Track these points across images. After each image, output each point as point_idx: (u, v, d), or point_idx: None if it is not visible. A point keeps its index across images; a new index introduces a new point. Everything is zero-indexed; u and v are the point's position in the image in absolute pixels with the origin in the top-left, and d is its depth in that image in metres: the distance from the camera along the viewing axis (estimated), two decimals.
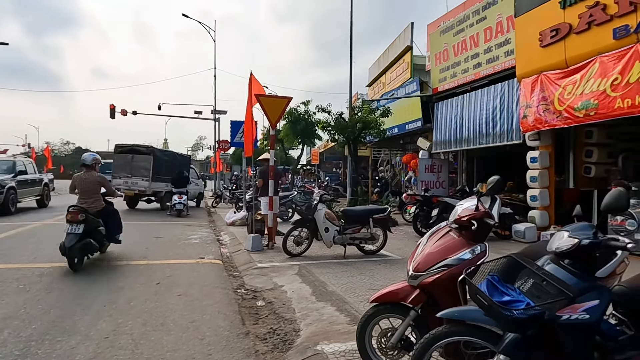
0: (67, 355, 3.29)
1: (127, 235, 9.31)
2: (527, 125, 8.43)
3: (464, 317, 2.18)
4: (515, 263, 2.17)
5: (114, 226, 7.00)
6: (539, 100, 8.02)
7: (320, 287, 5.21)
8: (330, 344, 3.38)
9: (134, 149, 16.31)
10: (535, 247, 2.76)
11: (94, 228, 6.40)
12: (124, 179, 15.56)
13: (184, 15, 25.49)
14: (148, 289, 5.22)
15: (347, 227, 7.21)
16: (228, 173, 29.90)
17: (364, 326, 2.82)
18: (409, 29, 16.60)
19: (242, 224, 11.07)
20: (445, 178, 13.17)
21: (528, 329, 1.93)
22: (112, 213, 7.01)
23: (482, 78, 10.62)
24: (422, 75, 14.72)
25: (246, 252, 7.58)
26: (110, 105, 24.85)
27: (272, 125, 8.47)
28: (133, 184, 15.52)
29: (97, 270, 6.14)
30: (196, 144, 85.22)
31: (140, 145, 17.23)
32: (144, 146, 17.65)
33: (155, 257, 7.24)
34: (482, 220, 2.64)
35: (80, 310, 4.35)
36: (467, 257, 2.55)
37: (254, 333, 3.89)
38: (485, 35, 10.43)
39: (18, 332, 3.71)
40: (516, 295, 1.99)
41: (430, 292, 2.61)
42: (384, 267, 6.39)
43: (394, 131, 14.99)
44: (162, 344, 3.57)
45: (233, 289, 5.37)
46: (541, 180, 8.52)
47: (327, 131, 14.15)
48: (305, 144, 26.01)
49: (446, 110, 12.02)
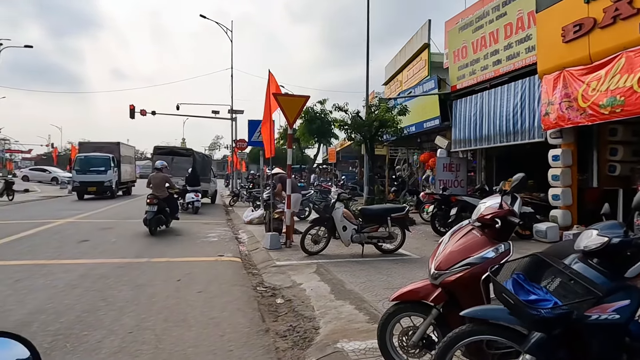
0: (93, 349, 3.38)
1: (147, 234, 9.52)
2: (549, 123, 8.26)
3: (488, 316, 2.15)
4: (541, 262, 2.13)
5: (174, 209, 10.38)
6: (562, 97, 7.84)
7: (339, 285, 5.21)
8: (349, 342, 3.38)
9: (173, 151, 19.16)
10: (560, 246, 2.71)
11: (162, 208, 9.60)
12: None
13: (202, 16, 25.77)
14: (169, 286, 5.31)
15: (364, 226, 7.19)
16: (245, 172, 30.11)
17: (385, 324, 2.81)
18: (426, 26, 16.44)
19: (260, 222, 11.14)
20: (463, 177, 13.01)
21: (555, 329, 1.90)
22: (173, 200, 10.36)
23: (502, 75, 10.45)
24: (440, 72, 14.57)
25: (264, 250, 7.64)
26: (130, 106, 25.27)
27: (290, 124, 8.50)
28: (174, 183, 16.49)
29: (119, 267, 6.28)
30: (213, 143, 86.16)
31: (180, 148, 21.25)
32: (184, 149, 21.15)
33: (175, 254, 7.36)
34: (506, 218, 2.60)
35: (104, 305, 4.45)
36: (490, 255, 2.52)
37: (274, 330, 3.92)
38: (506, 31, 10.25)
39: (46, 326, 3.82)
40: (543, 294, 1.96)
41: (452, 290, 2.59)
42: (402, 266, 6.36)
43: (411, 129, 14.87)
44: (184, 339, 3.62)
45: (252, 287, 5.42)
46: (563, 179, 8.34)
47: (343, 130, 14.12)
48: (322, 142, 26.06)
49: (465, 108, 11.86)
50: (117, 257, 6.94)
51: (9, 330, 1.12)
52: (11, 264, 6.24)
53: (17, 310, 4.25)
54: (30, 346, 1.10)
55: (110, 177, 19.95)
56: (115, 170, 20.58)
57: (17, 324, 3.85)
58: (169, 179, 10.14)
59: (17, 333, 1.12)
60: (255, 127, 12.18)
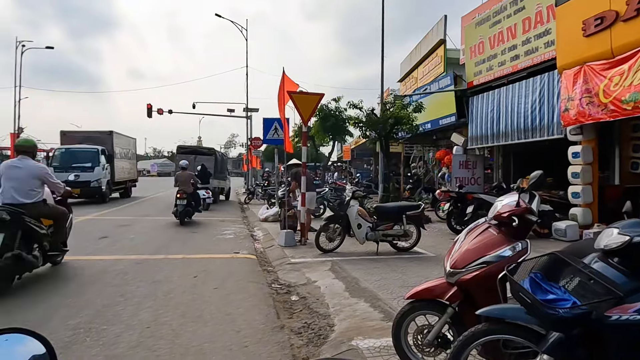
0: (112, 343, 3.45)
1: (165, 231, 9.68)
2: (569, 119, 8.07)
3: (505, 316, 2.12)
4: (560, 261, 2.09)
5: (197, 203, 11.73)
6: (582, 92, 7.65)
7: (353, 283, 5.21)
8: (364, 340, 3.38)
9: (196, 150, 18.98)
10: (579, 245, 2.65)
11: (190, 202, 10.92)
12: None
13: (217, 15, 25.98)
14: (185, 282, 5.38)
15: (379, 224, 7.16)
16: (260, 170, 30.29)
17: (399, 322, 2.80)
18: (442, 22, 16.24)
19: (275, 219, 11.20)
20: (480, 174, 12.84)
21: (573, 329, 1.86)
22: (197, 195, 11.74)
23: (520, 71, 10.26)
24: (456, 69, 14.38)
25: (279, 248, 7.68)
26: (148, 105, 25.61)
27: (305, 121, 8.51)
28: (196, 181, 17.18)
29: (136, 263, 6.39)
30: (229, 142, 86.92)
31: (202, 147, 20.32)
32: (206, 148, 20.39)
33: (192, 251, 7.46)
34: (524, 216, 2.56)
35: (122, 301, 4.54)
36: (507, 254, 2.48)
37: (289, 327, 3.94)
38: (524, 26, 10.06)
39: (66, 320, 3.92)
40: (561, 293, 1.92)
41: (468, 289, 2.56)
42: (417, 265, 6.31)
43: (426, 127, 14.74)
44: (200, 335, 3.67)
45: (267, 284, 5.46)
46: (584, 176, 8.15)
47: (358, 127, 14.07)
48: (336, 140, 26.01)
49: (482, 105, 11.69)
50: (135, 253, 7.07)
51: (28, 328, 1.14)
52: None
53: (37, 305, 4.37)
54: (46, 342, 1.11)
55: (99, 176, 15.77)
56: (106, 167, 16.48)
57: (38, 317, 3.96)
58: (193, 176, 11.55)
59: (37, 330, 1.14)
60: (271, 125, 12.23)
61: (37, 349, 1.10)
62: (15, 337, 1.10)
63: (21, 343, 1.09)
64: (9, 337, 1.09)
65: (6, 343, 1.07)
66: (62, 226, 5.61)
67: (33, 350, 1.09)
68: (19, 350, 1.08)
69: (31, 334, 1.11)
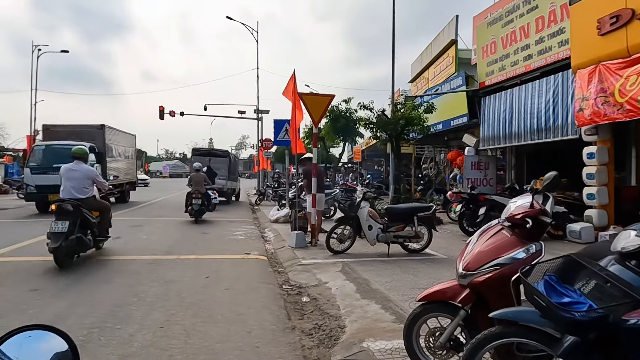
0: (126, 342, 3.49)
1: (177, 231, 9.77)
2: (584, 119, 7.95)
3: (519, 319, 2.10)
4: (575, 263, 2.06)
5: (209, 202, 12.37)
6: (597, 92, 7.53)
7: (364, 284, 5.19)
8: (376, 342, 3.36)
9: (211, 152, 19.86)
10: (595, 247, 2.61)
11: (204, 202, 11.67)
12: None
13: (228, 17, 26.18)
14: (197, 282, 5.42)
15: (390, 225, 7.12)
16: (270, 171, 30.42)
17: (411, 324, 2.78)
18: (454, 22, 16.13)
19: (286, 221, 11.22)
20: (492, 175, 12.71)
21: (590, 333, 1.83)
22: (209, 195, 12.46)
23: (533, 70, 10.14)
24: (468, 69, 14.26)
25: (290, 249, 7.69)
26: (160, 107, 25.86)
27: (315, 123, 8.52)
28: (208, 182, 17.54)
29: (149, 263, 6.46)
30: (239, 143, 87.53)
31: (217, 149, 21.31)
32: (221, 150, 21.29)
33: (203, 252, 7.52)
34: (538, 218, 2.52)
35: (135, 301, 4.59)
36: (521, 256, 2.45)
37: (300, 328, 3.95)
38: (537, 25, 9.94)
39: (82, 319, 3.98)
40: (577, 296, 1.89)
41: (481, 291, 2.54)
42: (428, 266, 6.27)
43: (438, 127, 14.64)
44: (211, 335, 3.70)
45: (278, 285, 5.47)
46: (599, 177, 8.01)
47: (368, 128, 14.05)
48: (346, 141, 25.98)
49: (494, 105, 11.58)
50: (148, 253, 7.15)
51: (48, 324, 1.16)
52: (50, 259, 6.51)
53: (54, 303, 4.44)
54: (68, 339, 1.13)
55: None
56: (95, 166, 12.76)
57: (55, 316, 4.03)
58: (206, 178, 12.21)
59: (56, 326, 1.16)
60: (281, 126, 12.27)
61: (59, 346, 1.12)
62: (38, 334, 1.12)
63: (44, 340, 1.12)
64: (32, 333, 1.11)
65: (29, 339, 1.10)
66: (106, 217, 7.07)
67: (55, 347, 1.11)
68: (42, 347, 1.10)
69: (54, 331, 1.14)
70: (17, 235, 8.68)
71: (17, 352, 1.06)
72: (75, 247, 6.08)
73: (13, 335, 1.09)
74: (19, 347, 1.07)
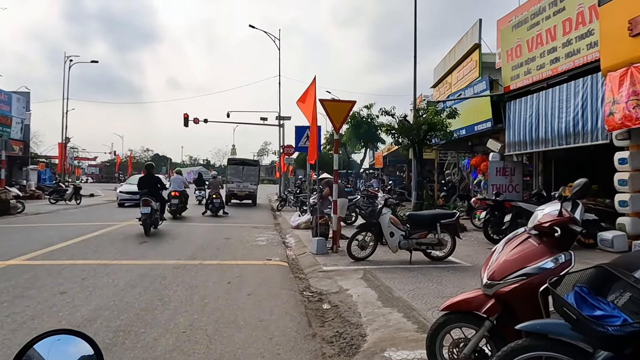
0: (150, 346, 3.55)
1: (200, 236, 9.90)
2: (614, 123, 7.67)
3: (547, 331, 2.02)
4: (608, 274, 1.97)
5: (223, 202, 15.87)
6: (629, 95, 7.26)
7: (386, 292, 5.13)
8: (397, 351, 3.31)
9: (244, 162, 22.82)
10: (629, 257, 2.50)
11: (221, 200, 15.42)
12: (236, 183, 21.28)
13: (251, 26, 26.73)
14: (220, 288, 5.48)
15: (412, 232, 7.03)
16: (293, 177, 30.55)
17: (434, 335, 2.73)
18: (477, 26, 15.94)
19: (307, 227, 11.24)
20: (518, 181, 12.40)
21: (625, 348, 1.74)
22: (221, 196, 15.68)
23: (560, 74, 9.87)
24: (492, 73, 14.03)
25: (311, 255, 7.69)
26: (184, 115, 26.45)
27: (336, 129, 8.52)
28: (244, 187, 21.32)
29: (174, 268, 6.57)
30: (262, 149, 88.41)
31: (248, 159, 24.93)
32: (252, 160, 25.64)
33: (226, 257, 7.60)
34: (567, 226, 2.44)
35: (160, 305, 4.67)
36: (549, 266, 2.37)
37: (321, 335, 3.93)
38: (564, 27, 9.69)
39: (108, 322, 4.08)
40: (610, 309, 1.81)
41: (507, 302, 2.46)
42: (452, 274, 6.15)
43: (461, 133, 14.41)
44: (234, 340, 3.72)
45: (299, 291, 5.47)
46: (632, 183, 7.70)
47: (390, 134, 13.94)
48: (368, 147, 25.87)
49: (520, 110, 11.32)
50: (173, 258, 7.28)
51: (75, 328, 1.20)
52: (79, 263, 6.72)
53: (83, 306, 4.56)
54: (94, 344, 1.17)
55: None
56: None
57: (83, 319, 4.14)
58: (221, 183, 16.18)
59: (82, 331, 1.20)
60: (302, 132, 12.34)
61: (85, 350, 1.17)
62: (66, 338, 1.17)
63: (71, 344, 1.17)
64: (62, 337, 1.17)
65: (58, 343, 1.15)
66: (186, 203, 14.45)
67: (82, 351, 1.16)
68: (69, 351, 1.16)
69: (80, 335, 1.19)
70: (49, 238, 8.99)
71: (47, 353, 1.12)
72: (179, 209, 13.48)
73: (45, 337, 1.14)
74: (49, 349, 1.13)
